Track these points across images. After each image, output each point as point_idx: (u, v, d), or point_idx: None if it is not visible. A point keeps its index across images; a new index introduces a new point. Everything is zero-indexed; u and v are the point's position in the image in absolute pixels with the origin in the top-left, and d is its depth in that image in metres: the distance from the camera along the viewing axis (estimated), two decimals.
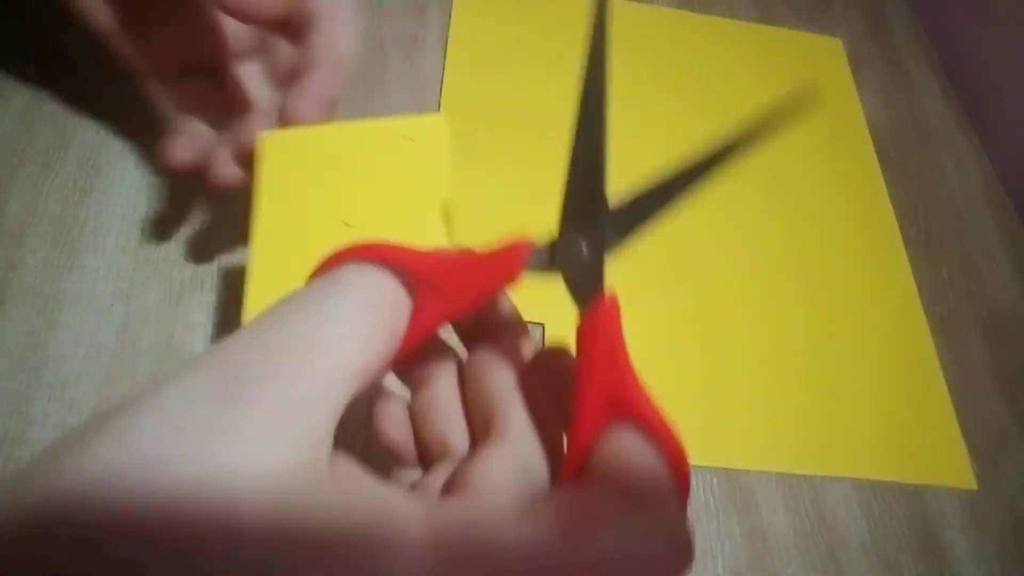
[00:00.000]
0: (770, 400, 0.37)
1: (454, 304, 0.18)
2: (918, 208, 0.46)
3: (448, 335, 0.21)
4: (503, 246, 0.18)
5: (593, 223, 0.19)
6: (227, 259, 0.34)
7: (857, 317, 0.40)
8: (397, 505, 0.14)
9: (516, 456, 0.17)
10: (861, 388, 0.38)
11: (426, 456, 0.20)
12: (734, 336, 0.38)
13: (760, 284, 0.40)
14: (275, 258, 0.25)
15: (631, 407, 0.17)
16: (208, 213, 0.35)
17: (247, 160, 0.28)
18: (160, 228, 0.34)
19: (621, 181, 0.46)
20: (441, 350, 0.21)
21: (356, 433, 0.32)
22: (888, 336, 0.40)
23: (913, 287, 0.42)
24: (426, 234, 0.26)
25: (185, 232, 0.34)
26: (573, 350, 0.19)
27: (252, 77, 0.31)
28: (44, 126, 0.35)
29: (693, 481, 0.34)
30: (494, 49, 0.45)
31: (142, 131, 0.36)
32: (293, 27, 0.28)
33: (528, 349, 0.20)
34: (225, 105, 0.31)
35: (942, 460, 0.37)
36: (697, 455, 0.34)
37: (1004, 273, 0.45)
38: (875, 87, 0.52)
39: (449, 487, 0.17)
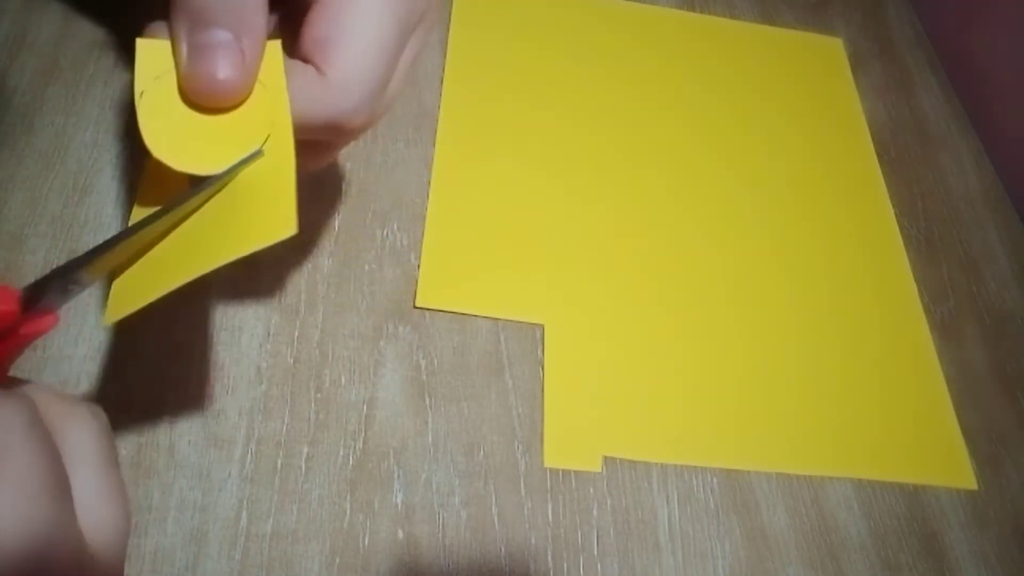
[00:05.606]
0: (770, 400, 0.37)
1: None
2: (918, 208, 0.46)
3: None
4: None
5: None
6: None
7: (857, 317, 0.40)
8: None
9: None
10: (861, 388, 0.38)
11: None
12: (734, 336, 0.38)
13: (759, 284, 0.40)
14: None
15: None
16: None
17: None
18: None
19: (621, 181, 0.46)
20: None
21: (357, 432, 0.32)
22: (888, 336, 0.40)
23: (913, 287, 0.42)
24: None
25: None
26: None
27: None
28: (44, 126, 0.35)
29: (693, 481, 0.34)
30: (495, 49, 0.45)
31: None
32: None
33: None
34: None
35: (942, 460, 0.37)
36: (697, 455, 0.34)
37: (1004, 273, 0.45)
38: (875, 87, 0.52)
39: None
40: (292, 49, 0.24)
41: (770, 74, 0.50)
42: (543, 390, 0.34)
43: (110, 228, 0.34)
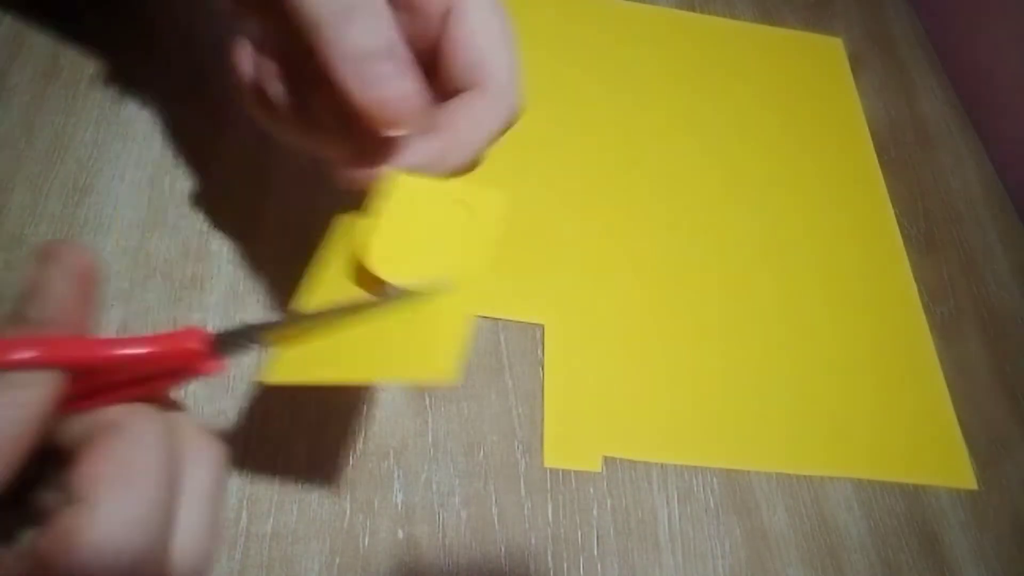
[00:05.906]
0: (770, 400, 0.37)
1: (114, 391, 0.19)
2: (918, 208, 0.46)
3: None
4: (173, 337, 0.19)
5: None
6: (227, 259, 0.34)
7: (857, 317, 0.40)
8: None
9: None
10: (861, 388, 0.38)
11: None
12: (734, 336, 0.38)
13: (759, 285, 0.40)
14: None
15: None
16: (208, 213, 0.35)
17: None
18: (160, 228, 0.34)
19: (621, 180, 0.46)
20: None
21: (357, 432, 0.32)
22: (888, 336, 0.40)
23: (913, 287, 0.42)
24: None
25: (185, 232, 0.34)
26: None
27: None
28: (44, 126, 0.35)
29: (693, 481, 0.34)
30: None
31: (142, 131, 0.36)
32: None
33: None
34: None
35: (942, 460, 0.37)
36: (697, 455, 0.34)
37: (1004, 273, 0.45)
38: (875, 87, 0.52)
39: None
40: (438, 86, 0.27)
41: (770, 74, 0.50)
42: (543, 390, 0.34)
43: (110, 228, 0.34)
